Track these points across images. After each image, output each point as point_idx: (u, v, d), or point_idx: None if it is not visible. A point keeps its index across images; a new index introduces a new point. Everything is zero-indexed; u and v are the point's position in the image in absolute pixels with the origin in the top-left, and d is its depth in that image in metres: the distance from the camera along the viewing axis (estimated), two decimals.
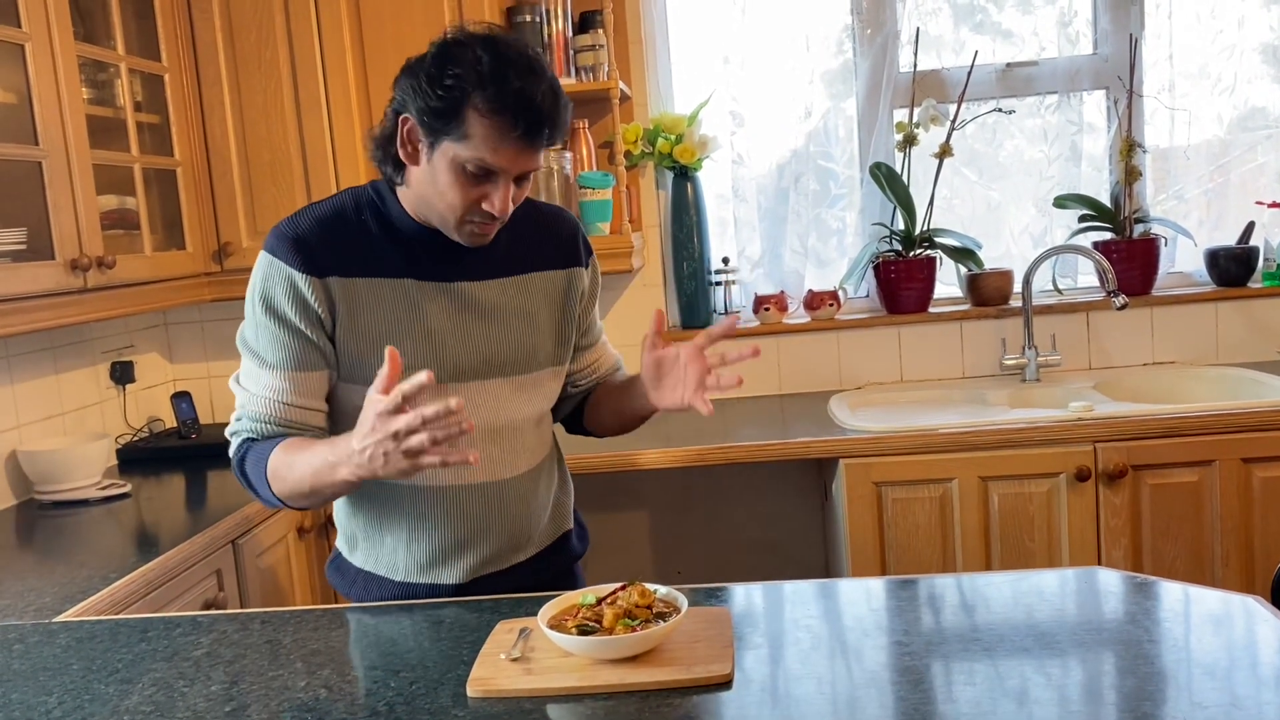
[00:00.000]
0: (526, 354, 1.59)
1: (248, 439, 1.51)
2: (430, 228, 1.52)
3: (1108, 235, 3.00)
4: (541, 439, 1.67)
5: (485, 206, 1.44)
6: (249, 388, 1.52)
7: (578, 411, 1.78)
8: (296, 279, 1.46)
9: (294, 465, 1.42)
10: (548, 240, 1.64)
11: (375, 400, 1.28)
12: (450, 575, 1.59)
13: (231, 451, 1.54)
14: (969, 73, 2.96)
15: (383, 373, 1.28)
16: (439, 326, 1.52)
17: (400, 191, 1.52)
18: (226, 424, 3.14)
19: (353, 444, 1.32)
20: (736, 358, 1.47)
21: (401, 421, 1.25)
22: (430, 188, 1.45)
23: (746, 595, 1.44)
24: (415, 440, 1.25)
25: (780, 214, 3.08)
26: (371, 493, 1.59)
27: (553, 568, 1.68)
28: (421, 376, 1.24)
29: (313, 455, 1.40)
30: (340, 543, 1.69)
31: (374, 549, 1.62)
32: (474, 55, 1.38)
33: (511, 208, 1.46)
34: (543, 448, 1.67)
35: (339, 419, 1.54)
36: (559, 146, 1.50)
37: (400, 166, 1.49)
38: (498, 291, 1.57)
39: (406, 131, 1.45)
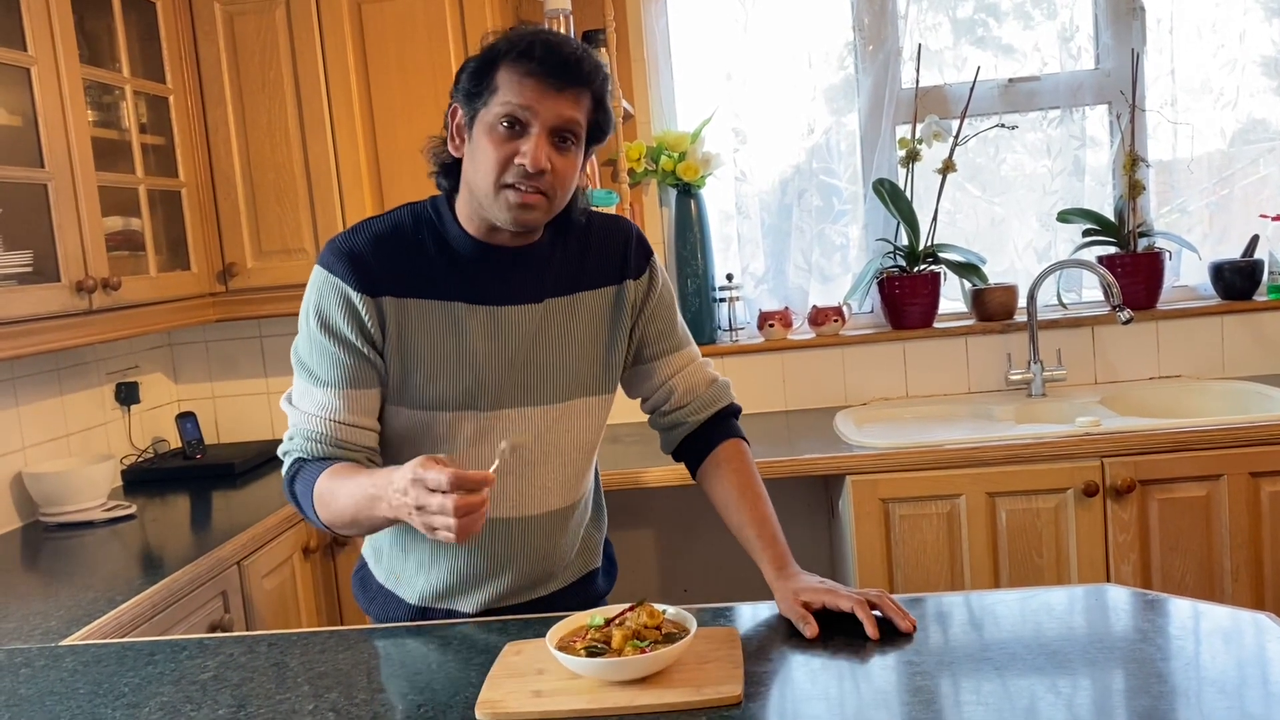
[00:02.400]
0: (568, 381, 1.54)
1: (299, 459, 1.48)
2: (485, 244, 1.48)
3: (1112, 249, 2.99)
4: (580, 473, 1.61)
5: (518, 160, 1.38)
6: (302, 406, 1.49)
7: (687, 460, 1.67)
8: (351, 295, 1.44)
9: (337, 493, 1.40)
10: (598, 255, 1.57)
11: (426, 465, 1.24)
12: (467, 604, 1.58)
13: (284, 471, 1.52)
14: (971, 88, 2.97)
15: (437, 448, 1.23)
16: (483, 352, 1.49)
17: (456, 203, 1.50)
18: (231, 444, 3.14)
19: (394, 483, 1.28)
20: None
21: (434, 502, 1.22)
22: (472, 167, 1.43)
23: (754, 614, 1.43)
24: (439, 521, 1.22)
25: (784, 230, 3.08)
26: None
27: (574, 604, 1.62)
28: (487, 474, 1.22)
29: (356, 485, 1.37)
30: (366, 551, 1.68)
31: (396, 566, 1.61)
32: (513, 31, 1.40)
33: (552, 172, 1.39)
34: (581, 483, 1.62)
35: (385, 440, 1.54)
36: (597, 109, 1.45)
37: (453, 174, 1.48)
38: (544, 315, 1.52)
39: (455, 124, 1.45)
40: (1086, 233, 3.02)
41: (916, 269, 3.01)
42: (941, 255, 3.01)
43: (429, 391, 1.49)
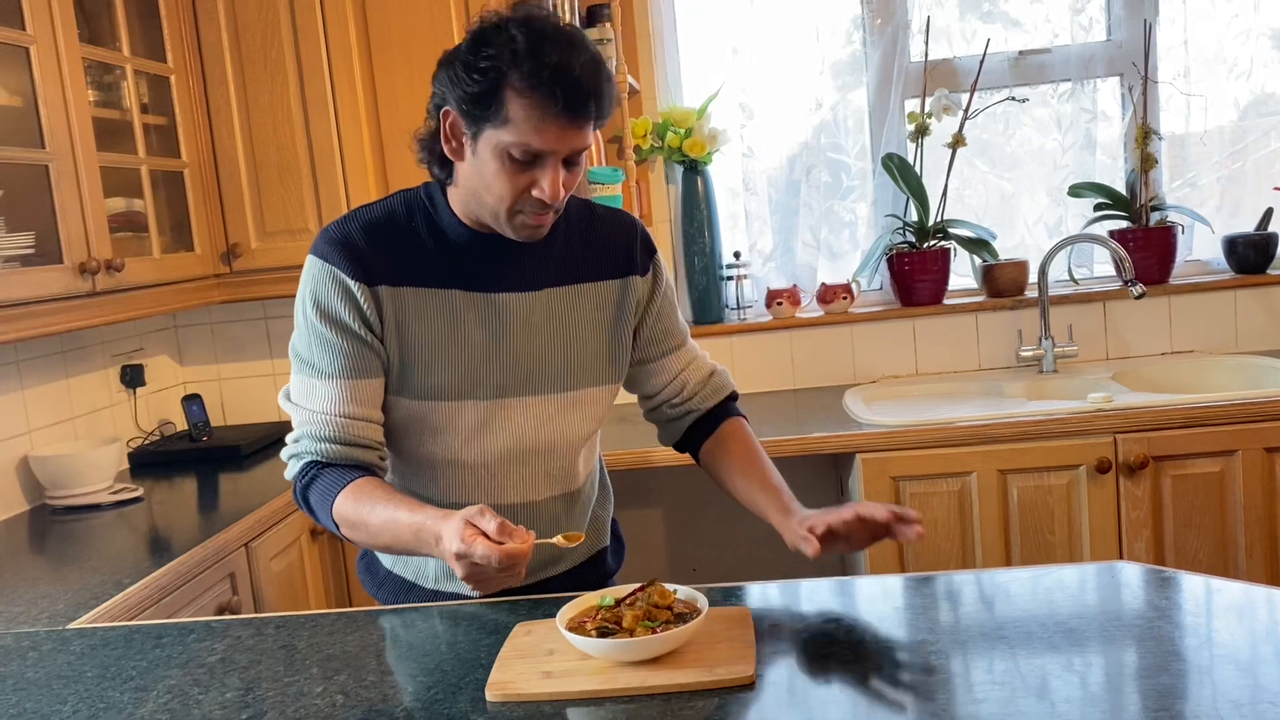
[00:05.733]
0: (570, 371, 1.53)
1: (312, 462, 1.44)
2: (480, 233, 1.46)
3: (1123, 224, 2.97)
4: (586, 459, 1.61)
5: (535, 193, 1.35)
6: (306, 404, 1.45)
7: (691, 445, 1.69)
8: (349, 283, 1.42)
9: (368, 521, 1.37)
10: (602, 248, 1.55)
11: (473, 534, 1.22)
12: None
13: (291, 473, 1.47)
14: (981, 61, 2.93)
15: (492, 523, 1.22)
16: (482, 340, 1.47)
17: (450, 192, 1.46)
18: (238, 426, 3.13)
19: (444, 543, 1.26)
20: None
21: (478, 550, 1.21)
22: (478, 181, 1.38)
23: (763, 594, 1.42)
24: (476, 575, 1.23)
25: (792, 207, 3.05)
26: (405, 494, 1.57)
27: (584, 584, 1.62)
28: (524, 546, 1.21)
29: (390, 517, 1.35)
30: None
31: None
32: (508, 35, 1.31)
33: (564, 194, 1.38)
34: (585, 468, 1.62)
35: (387, 431, 1.52)
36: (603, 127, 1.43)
37: (447, 165, 1.43)
38: (544, 303, 1.50)
39: (449, 126, 1.38)
40: (1098, 207, 2.99)
41: (926, 245, 2.98)
42: (951, 231, 2.99)
43: (428, 381, 1.47)
